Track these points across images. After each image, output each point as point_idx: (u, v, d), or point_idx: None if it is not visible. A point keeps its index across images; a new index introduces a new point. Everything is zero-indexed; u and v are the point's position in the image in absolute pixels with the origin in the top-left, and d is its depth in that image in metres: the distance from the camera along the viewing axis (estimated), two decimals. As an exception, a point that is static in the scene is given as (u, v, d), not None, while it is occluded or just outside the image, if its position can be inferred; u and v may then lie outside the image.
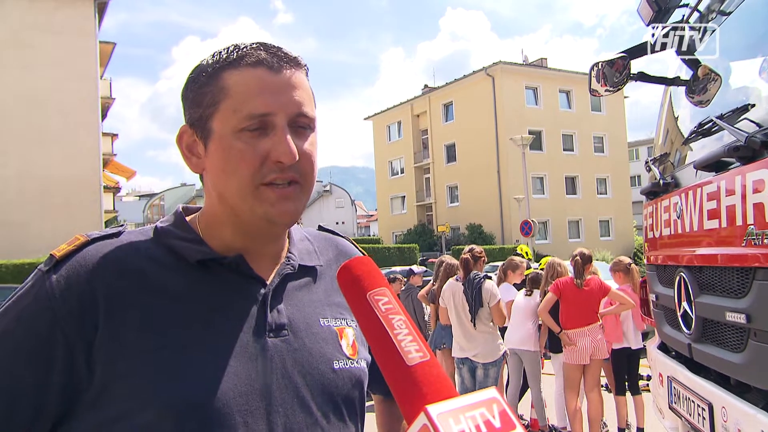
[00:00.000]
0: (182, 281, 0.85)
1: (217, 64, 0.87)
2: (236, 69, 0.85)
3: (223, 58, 0.87)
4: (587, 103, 35.59)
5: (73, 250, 0.83)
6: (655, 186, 3.24)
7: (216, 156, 0.86)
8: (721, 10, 2.89)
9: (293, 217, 0.88)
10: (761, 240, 2.01)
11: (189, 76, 0.90)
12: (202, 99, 0.86)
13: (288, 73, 0.86)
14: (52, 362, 0.77)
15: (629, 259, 6.28)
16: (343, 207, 55.51)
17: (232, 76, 0.85)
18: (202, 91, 0.87)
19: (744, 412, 2.13)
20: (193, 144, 0.90)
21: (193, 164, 0.91)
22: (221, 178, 0.86)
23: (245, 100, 0.83)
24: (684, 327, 2.81)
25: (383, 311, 0.64)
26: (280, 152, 0.83)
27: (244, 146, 0.83)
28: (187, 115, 0.90)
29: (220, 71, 0.86)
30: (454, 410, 0.53)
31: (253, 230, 0.89)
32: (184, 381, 0.78)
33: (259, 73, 0.85)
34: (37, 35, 21.00)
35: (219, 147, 0.85)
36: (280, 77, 0.85)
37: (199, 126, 0.88)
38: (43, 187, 20.65)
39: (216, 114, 0.85)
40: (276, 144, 0.83)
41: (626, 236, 36.86)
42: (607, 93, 3.18)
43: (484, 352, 5.33)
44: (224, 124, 0.84)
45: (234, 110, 0.84)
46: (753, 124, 2.19)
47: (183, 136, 0.91)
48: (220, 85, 0.85)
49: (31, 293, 0.81)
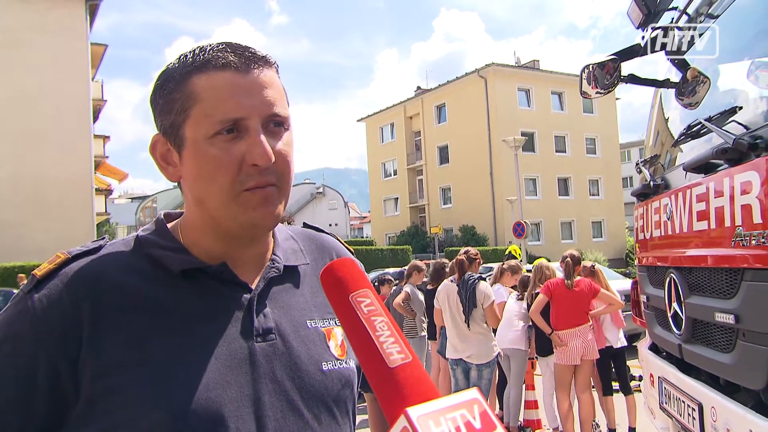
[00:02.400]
0: (166, 292, 0.84)
1: (184, 69, 0.85)
2: (204, 73, 0.83)
3: (189, 62, 0.85)
4: (579, 104, 35.72)
5: (54, 269, 0.83)
6: (646, 187, 3.26)
7: (191, 163, 0.85)
8: (710, 13, 2.91)
9: (275, 220, 0.87)
10: (749, 241, 2.03)
11: (156, 82, 0.88)
12: (172, 106, 0.85)
13: (257, 73, 0.85)
14: (36, 381, 0.77)
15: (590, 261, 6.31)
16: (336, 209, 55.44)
17: (201, 80, 0.83)
18: (171, 97, 0.85)
19: (733, 412, 2.15)
20: (167, 153, 0.88)
21: (170, 173, 0.89)
22: (199, 185, 0.85)
23: (216, 104, 0.82)
24: (674, 328, 2.83)
25: (365, 313, 0.64)
26: (255, 155, 0.82)
27: (219, 152, 0.82)
28: (158, 122, 0.88)
29: (187, 76, 0.84)
30: (434, 412, 0.53)
31: (234, 236, 0.88)
32: (173, 392, 0.78)
33: (228, 76, 0.83)
34: (28, 36, 20.88)
35: (193, 154, 0.84)
36: (249, 78, 0.84)
37: (171, 134, 0.86)
38: (35, 189, 20.53)
39: (187, 120, 0.84)
40: (251, 147, 0.82)
41: (618, 237, 37.01)
42: (597, 95, 3.20)
43: (478, 353, 5.34)
44: (197, 131, 0.83)
45: (205, 115, 0.82)
46: (741, 126, 2.21)
47: (156, 146, 0.89)
48: (189, 90, 0.83)
49: (14, 314, 0.81)
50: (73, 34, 22.00)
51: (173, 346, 0.80)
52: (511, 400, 6.08)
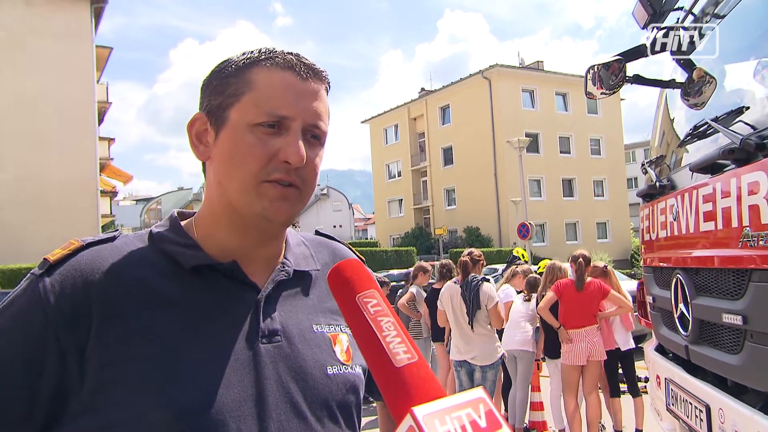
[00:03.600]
0: (177, 287, 0.85)
1: (247, 60, 0.89)
2: (266, 67, 0.88)
3: (255, 55, 0.89)
4: (584, 105, 35.69)
5: (68, 255, 0.83)
6: (652, 188, 3.25)
7: (226, 145, 0.87)
8: (716, 13, 2.90)
9: (288, 217, 0.88)
10: (757, 242, 2.02)
11: (214, 68, 0.92)
12: (225, 88, 0.88)
13: (313, 84, 0.89)
14: (43, 365, 0.77)
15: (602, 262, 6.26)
16: (340, 210, 55.47)
17: (261, 72, 0.87)
18: (227, 81, 0.89)
19: (741, 414, 2.14)
20: (203, 132, 0.91)
21: (200, 152, 0.91)
22: (226, 168, 0.87)
23: (269, 97, 0.86)
24: (681, 329, 2.81)
25: (372, 313, 0.65)
26: (289, 153, 0.85)
27: (256, 141, 0.85)
28: (204, 102, 0.91)
29: (249, 66, 0.88)
30: (440, 411, 0.53)
31: (248, 227, 0.89)
32: (177, 387, 0.78)
33: (288, 76, 0.87)
34: (33, 39, 20.98)
35: (231, 136, 0.87)
36: (305, 85, 0.88)
37: (215, 113, 0.89)
38: (39, 191, 20.61)
39: (236, 104, 0.87)
40: (287, 144, 0.85)
41: (623, 238, 36.93)
42: (602, 96, 3.19)
43: (482, 355, 5.33)
44: (242, 116, 0.86)
45: (255, 104, 0.86)
46: (748, 126, 2.20)
47: (195, 123, 0.92)
48: (247, 78, 0.87)
49: (24, 296, 0.81)
50: (78, 37, 22.09)
51: (180, 341, 0.81)
52: (517, 402, 6.06)
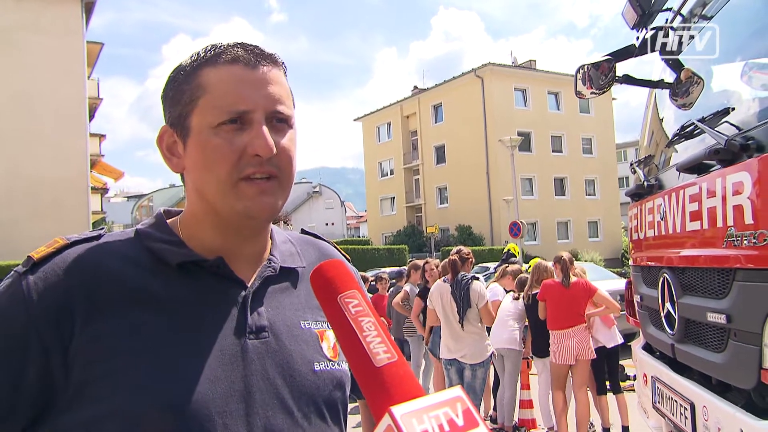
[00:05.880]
0: (162, 284, 0.85)
1: (195, 63, 0.88)
2: (214, 66, 0.87)
3: (201, 56, 0.88)
4: (576, 104, 35.79)
5: (52, 252, 0.83)
6: (640, 188, 3.27)
7: (195, 153, 0.87)
8: (704, 15, 2.93)
9: (272, 211, 0.88)
10: (741, 241, 2.04)
11: (168, 76, 0.91)
12: (181, 96, 0.88)
13: (265, 70, 0.88)
14: (25, 363, 0.77)
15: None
16: (332, 208, 55.38)
17: (210, 73, 0.86)
18: (180, 89, 0.88)
19: (724, 411, 2.16)
20: (173, 144, 0.90)
21: (174, 164, 0.91)
22: (200, 175, 0.87)
23: (223, 95, 0.85)
24: (667, 327, 2.84)
25: (353, 313, 0.65)
26: (257, 146, 0.84)
27: (222, 141, 0.84)
28: (167, 114, 0.91)
29: (198, 69, 0.87)
30: (418, 410, 0.54)
31: (233, 227, 0.90)
32: (163, 383, 0.78)
33: (237, 69, 0.86)
34: (23, 35, 20.80)
35: (197, 143, 0.86)
36: (257, 73, 0.87)
37: (178, 124, 0.88)
38: (29, 187, 20.46)
39: (195, 111, 0.86)
40: (253, 138, 0.84)
41: (614, 237, 37.08)
42: (592, 95, 3.21)
43: (472, 353, 5.34)
44: (202, 120, 0.85)
45: (212, 106, 0.85)
46: (733, 127, 2.23)
47: (163, 137, 0.91)
48: (198, 82, 0.86)
49: (6, 294, 0.81)
50: (69, 33, 21.92)
51: (166, 338, 0.81)
52: (505, 400, 6.09)
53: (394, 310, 7.58)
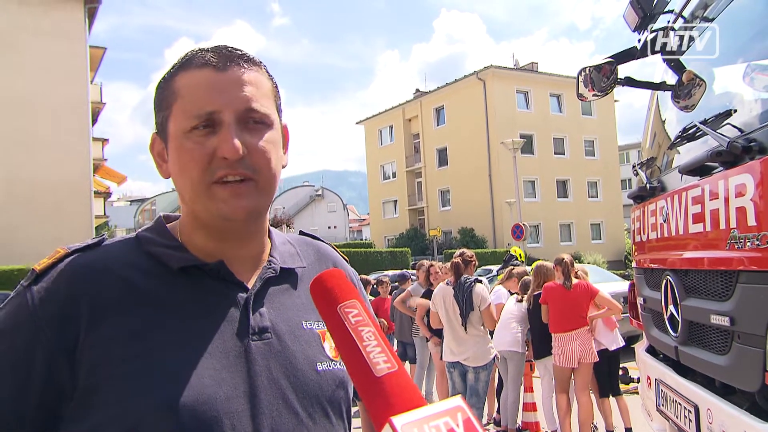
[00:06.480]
0: (164, 288, 0.86)
1: (172, 69, 0.90)
2: (186, 71, 0.88)
3: (177, 63, 0.90)
4: (578, 106, 35.78)
5: (53, 263, 0.85)
6: (642, 190, 3.26)
7: (172, 157, 0.89)
8: (705, 16, 2.92)
9: (248, 212, 0.88)
10: (744, 243, 2.03)
11: (156, 84, 0.94)
12: (161, 103, 0.90)
13: (235, 70, 0.87)
14: (33, 372, 0.78)
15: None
16: (335, 211, 55.43)
17: (182, 78, 0.88)
18: (161, 95, 0.90)
19: (729, 414, 2.15)
20: (162, 150, 0.92)
21: (163, 170, 0.93)
22: (179, 179, 0.88)
23: (192, 100, 0.86)
24: (671, 330, 2.83)
25: (353, 323, 0.65)
26: (224, 148, 0.83)
27: (194, 145, 0.85)
28: (155, 121, 0.93)
29: (173, 75, 0.89)
30: (418, 420, 0.54)
31: (215, 230, 0.90)
32: (168, 386, 0.79)
33: (204, 73, 0.86)
34: (26, 39, 20.86)
35: (174, 148, 0.88)
36: (225, 75, 0.87)
37: (161, 131, 0.91)
38: (32, 192, 20.49)
39: (170, 117, 0.88)
40: (221, 140, 0.84)
41: (617, 239, 37.04)
42: (594, 98, 3.21)
43: (475, 356, 5.33)
44: (177, 126, 0.87)
45: (183, 111, 0.86)
46: (735, 129, 2.22)
47: (154, 144, 0.93)
48: (172, 88, 0.88)
49: (12, 307, 0.82)
50: (72, 37, 21.98)
51: (170, 341, 0.82)
52: (508, 403, 6.07)
53: (397, 313, 7.61)
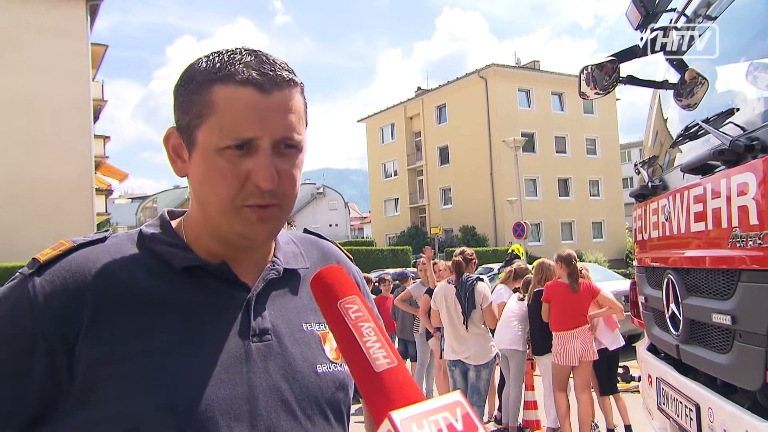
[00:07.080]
0: (168, 287, 0.86)
1: (207, 75, 0.84)
2: (226, 85, 0.83)
3: (215, 69, 0.84)
4: (579, 105, 35.74)
5: (59, 255, 0.84)
6: (644, 188, 3.26)
7: (198, 168, 0.86)
8: (708, 15, 2.92)
9: (271, 234, 0.89)
10: (746, 242, 2.03)
11: (181, 75, 0.88)
12: (191, 107, 0.85)
13: (278, 95, 0.84)
14: (31, 364, 0.78)
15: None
16: (336, 209, 55.41)
17: (221, 92, 0.83)
18: (191, 99, 0.85)
19: (730, 413, 2.15)
20: (179, 147, 0.89)
21: (178, 167, 0.90)
22: (203, 189, 0.86)
23: (231, 120, 0.82)
24: (672, 328, 2.83)
25: (353, 319, 0.66)
26: (260, 177, 0.82)
27: (226, 165, 0.83)
28: (176, 116, 0.88)
29: (210, 84, 0.84)
30: (417, 415, 0.54)
31: (230, 242, 0.90)
32: (168, 386, 0.79)
33: (248, 93, 0.82)
34: (27, 36, 20.87)
35: (202, 160, 0.85)
36: (269, 100, 0.83)
37: (185, 132, 0.87)
38: (33, 189, 20.52)
39: (202, 127, 0.84)
40: (257, 166, 0.82)
41: (618, 238, 37.01)
42: (596, 96, 3.20)
43: (476, 354, 5.34)
44: (209, 140, 0.83)
45: (219, 129, 0.82)
46: (738, 127, 2.22)
47: (170, 138, 0.90)
48: (208, 99, 0.83)
49: (12, 296, 0.81)
50: (74, 35, 21.98)
51: (171, 341, 0.82)
52: (510, 401, 6.08)
53: (398, 311, 7.62)
